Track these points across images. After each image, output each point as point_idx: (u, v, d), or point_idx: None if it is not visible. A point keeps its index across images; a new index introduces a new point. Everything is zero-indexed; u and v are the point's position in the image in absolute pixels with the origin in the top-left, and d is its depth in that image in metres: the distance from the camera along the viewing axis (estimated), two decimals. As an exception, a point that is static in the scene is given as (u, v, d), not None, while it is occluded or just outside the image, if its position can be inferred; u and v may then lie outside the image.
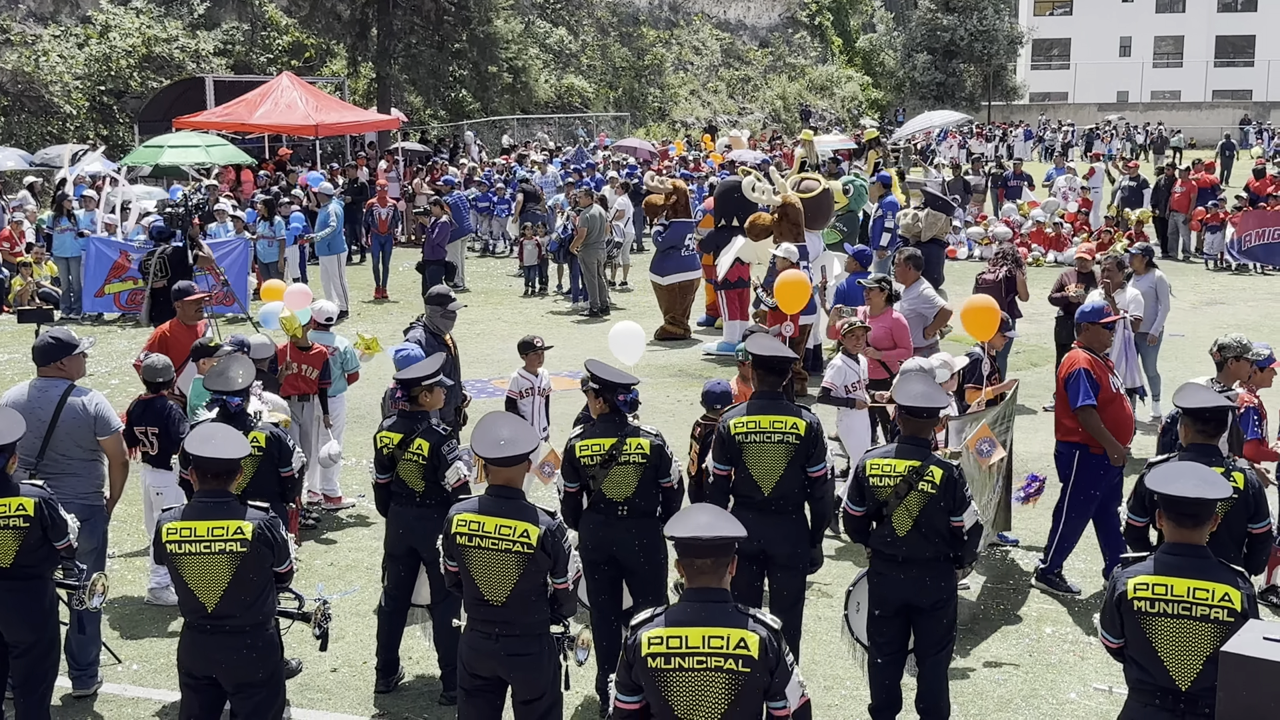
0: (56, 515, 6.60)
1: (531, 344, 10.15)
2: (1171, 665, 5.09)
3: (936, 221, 15.49)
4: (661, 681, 4.72)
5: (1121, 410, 9.03)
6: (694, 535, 4.74)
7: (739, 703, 4.69)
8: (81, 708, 7.66)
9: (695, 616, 4.74)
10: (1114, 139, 56.08)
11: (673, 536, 4.81)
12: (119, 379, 16.01)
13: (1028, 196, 28.99)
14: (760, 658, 4.67)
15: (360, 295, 22.01)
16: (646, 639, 4.75)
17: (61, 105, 33.49)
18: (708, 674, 4.67)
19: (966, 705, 7.59)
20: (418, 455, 7.42)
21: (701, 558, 4.76)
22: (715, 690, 4.67)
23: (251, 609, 5.96)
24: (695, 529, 4.77)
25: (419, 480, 7.47)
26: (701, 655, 4.67)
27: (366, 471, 11.22)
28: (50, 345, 7.70)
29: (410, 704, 7.68)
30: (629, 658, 4.82)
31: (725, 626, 4.69)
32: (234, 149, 27.96)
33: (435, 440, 7.41)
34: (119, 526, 9.90)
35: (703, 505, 5.35)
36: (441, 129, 43.38)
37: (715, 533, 4.76)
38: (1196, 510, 5.12)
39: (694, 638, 4.69)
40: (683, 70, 56.69)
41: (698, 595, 4.78)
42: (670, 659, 4.69)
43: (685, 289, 18.43)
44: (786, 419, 7.05)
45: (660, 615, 4.82)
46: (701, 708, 4.70)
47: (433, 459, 7.39)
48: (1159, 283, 13.26)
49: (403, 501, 7.59)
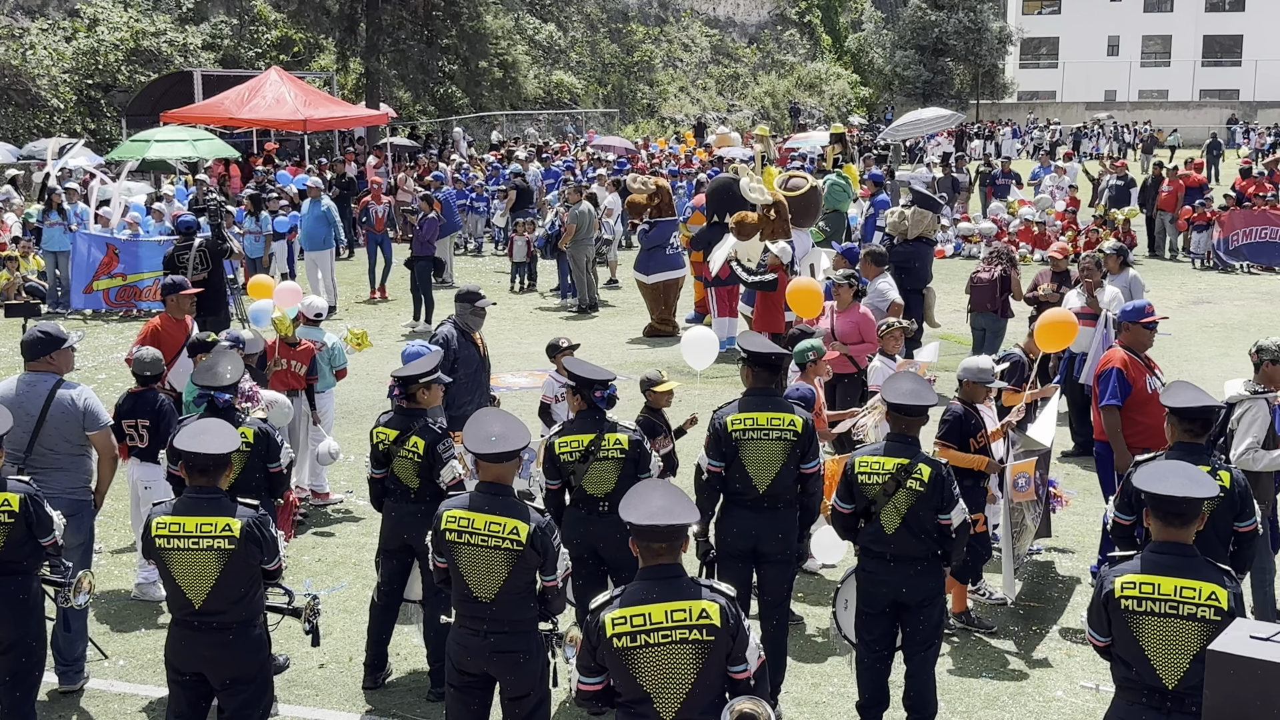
0: (42, 511, 6.58)
1: (558, 345, 9.99)
2: (1158, 664, 5.10)
3: (923, 219, 15.50)
4: (629, 660, 4.82)
5: (1159, 410, 8.74)
6: (652, 523, 4.82)
7: (705, 671, 4.81)
8: (68, 703, 7.64)
9: (655, 593, 4.85)
10: (1101, 138, 56.25)
11: (630, 523, 4.87)
12: (106, 373, 15.96)
13: (1016, 195, 29.05)
14: (723, 625, 4.81)
15: (348, 291, 21.98)
16: (610, 620, 4.84)
17: (49, 99, 33.38)
18: (674, 646, 4.79)
19: (954, 703, 7.61)
20: (413, 452, 7.42)
21: (659, 541, 4.86)
22: (683, 662, 4.80)
23: (239, 605, 5.95)
24: (652, 516, 4.83)
25: (414, 477, 7.46)
26: (666, 629, 4.79)
27: (354, 467, 11.23)
28: (39, 339, 7.67)
29: (398, 700, 7.68)
30: (592, 641, 4.90)
31: (685, 599, 4.82)
32: (221, 143, 27.91)
33: (431, 439, 7.40)
34: (106, 522, 9.87)
35: (654, 484, 5.32)
36: (430, 124, 43.34)
37: (673, 520, 4.85)
38: (1183, 509, 5.13)
39: (657, 614, 4.80)
40: (672, 67, 56.71)
41: (654, 573, 4.89)
42: (635, 637, 4.80)
43: (670, 288, 18.48)
44: (784, 415, 7.08)
45: (618, 597, 4.92)
46: (670, 681, 4.81)
47: (428, 457, 7.38)
48: (1133, 281, 13.27)
49: (397, 497, 7.58)
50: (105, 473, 7.86)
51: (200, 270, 14.48)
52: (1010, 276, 14.45)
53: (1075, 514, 10.78)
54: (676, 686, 4.82)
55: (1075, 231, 25.50)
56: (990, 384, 8.61)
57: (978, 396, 8.56)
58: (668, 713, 4.85)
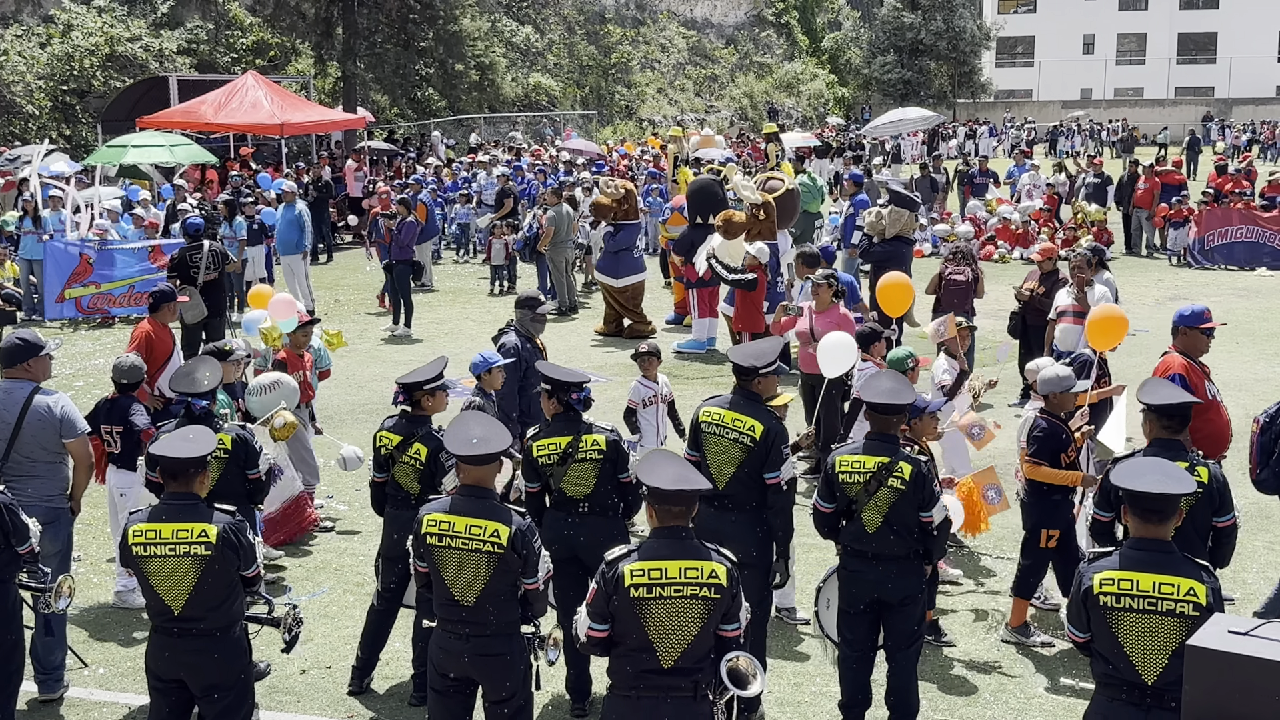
0: (17, 519, 6.54)
1: (641, 351, 9.97)
2: (1138, 659, 5.12)
3: (900, 218, 15.54)
4: (642, 609, 5.21)
5: (1218, 417, 8.64)
6: (677, 488, 5.26)
7: (706, 626, 5.25)
8: (47, 712, 7.59)
9: (670, 551, 5.26)
10: (1076, 135, 56.45)
11: (653, 488, 5.27)
12: (84, 380, 15.88)
13: (994, 193, 29.16)
14: (728, 585, 5.26)
15: (326, 295, 21.92)
16: (629, 571, 5.23)
17: (24, 105, 33.19)
18: (685, 601, 5.21)
19: (936, 701, 7.63)
20: (415, 459, 7.41)
21: (678, 505, 5.29)
22: (691, 616, 5.21)
23: (218, 611, 5.92)
24: (673, 482, 5.28)
25: (414, 483, 7.45)
26: (679, 585, 5.20)
27: (334, 472, 11.19)
28: (17, 347, 7.63)
29: (380, 705, 7.66)
30: (608, 589, 5.26)
31: (698, 559, 5.25)
32: (198, 148, 27.77)
33: (434, 446, 7.38)
34: (84, 530, 9.82)
35: (667, 454, 5.73)
36: (408, 128, 43.24)
37: (691, 485, 5.33)
38: (1162, 506, 5.16)
39: (672, 569, 5.22)
40: (649, 68, 56.73)
41: (670, 533, 5.30)
42: (652, 589, 5.20)
43: (636, 291, 18.55)
44: (747, 419, 7.08)
45: (635, 551, 5.32)
46: (676, 632, 5.22)
47: (430, 464, 7.37)
48: (1108, 283, 13.32)
49: (398, 504, 7.56)
50: (82, 480, 7.81)
51: (211, 271, 14.60)
52: (979, 277, 14.51)
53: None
54: (679, 637, 5.22)
55: (1053, 230, 25.62)
56: (1074, 389, 8.33)
57: (1064, 406, 8.27)
58: (667, 660, 5.24)
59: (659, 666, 5.24)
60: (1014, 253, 25.38)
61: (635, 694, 5.29)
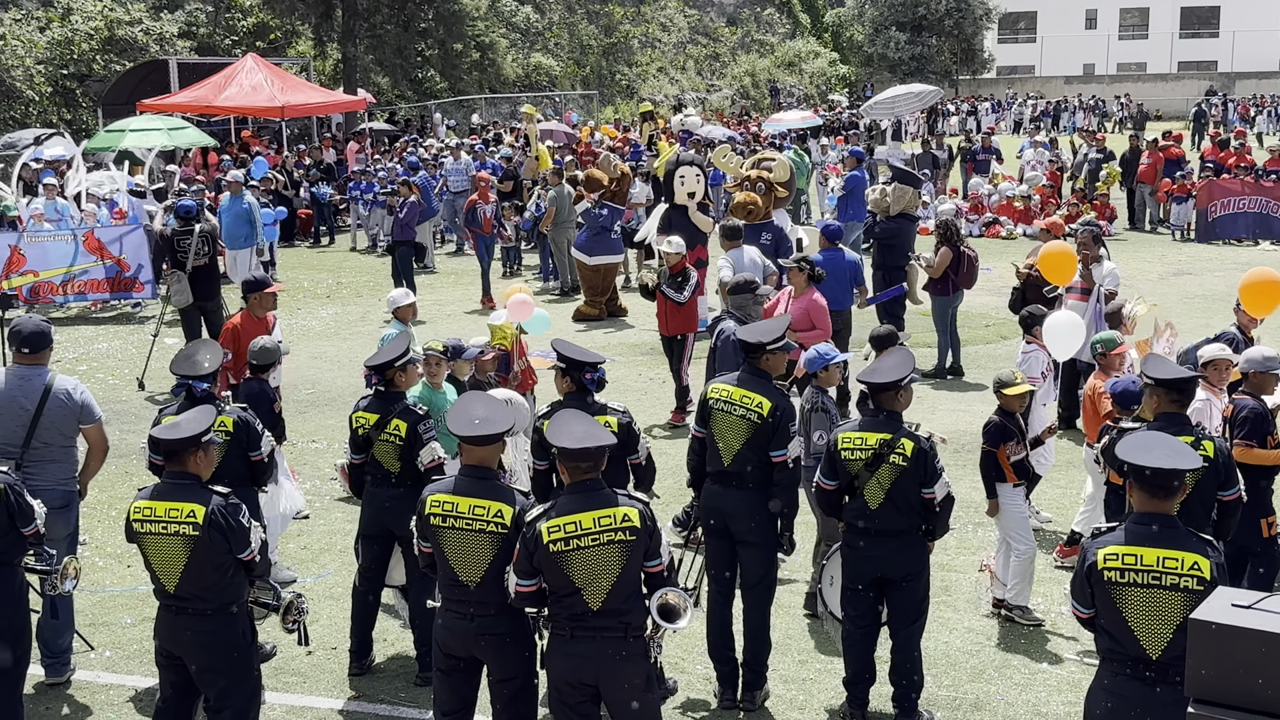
0: (23, 501, 6.56)
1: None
2: (1142, 634, 5.11)
3: (904, 195, 15.48)
4: (563, 562, 5.50)
5: None
6: (581, 446, 5.57)
7: (628, 566, 5.55)
8: (55, 695, 7.62)
9: (582, 504, 5.55)
10: (1079, 111, 56.27)
11: (561, 448, 5.58)
12: (87, 365, 15.90)
13: (996, 169, 29.07)
14: (642, 527, 5.56)
15: (332, 278, 21.88)
16: (545, 529, 5.51)
17: (24, 90, 33.12)
18: (602, 548, 5.51)
19: (940, 676, 7.64)
20: (394, 435, 7.43)
21: (584, 461, 5.58)
22: (610, 559, 5.52)
23: (212, 591, 5.94)
24: (580, 440, 5.60)
25: (395, 461, 7.47)
26: (594, 534, 5.51)
27: (337, 454, 11.19)
28: (43, 333, 7.64)
29: (385, 685, 7.68)
30: (529, 548, 5.54)
31: (609, 507, 5.56)
32: (197, 131, 27.72)
33: (412, 420, 7.43)
34: (89, 514, 9.83)
35: (571, 413, 6.04)
36: (409, 109, 43.14)
37: (596, 443, 5.62)
38: (1168, 481, 5.14)
39: (586, 521, 5.51)
40: (650, 48, 56.53)
41: (580, 488, 5.59)
42: (569, 542, 5.50)
43: (609, 271, 18.54)
44: (754, 396, 7.07)
45: (551, 508, 5.59)
46: (598, 575, 5.52)
47: (410, 439, 7.40)
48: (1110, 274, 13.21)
49: (378, 483, 7.59)
50: (95, 464, 7.85)
51: (201, 256, 14.50)
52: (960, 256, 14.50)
53: (1058, 486, 10.82)
54: (604, 580, 5.52)
55: (1055, 206, 25.54)
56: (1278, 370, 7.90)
57: (1266, 388, 7.87)
58: (595, 602, 5.54)
59: (589, 609, 5.55)
60: (1017, 229, 25.32)
61: (569, 633, 5.61)
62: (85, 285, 18.74)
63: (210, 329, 14.38)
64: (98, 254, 18.55)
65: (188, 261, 14.37)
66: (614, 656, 5.59)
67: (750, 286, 10.12)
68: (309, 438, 12.77)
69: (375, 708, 7.44)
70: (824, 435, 7.98)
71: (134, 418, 12.92)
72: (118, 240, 18.70)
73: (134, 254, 18.70)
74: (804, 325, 10.93)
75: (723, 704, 7.34)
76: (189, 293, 14.40)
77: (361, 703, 7.50)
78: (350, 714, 7.39)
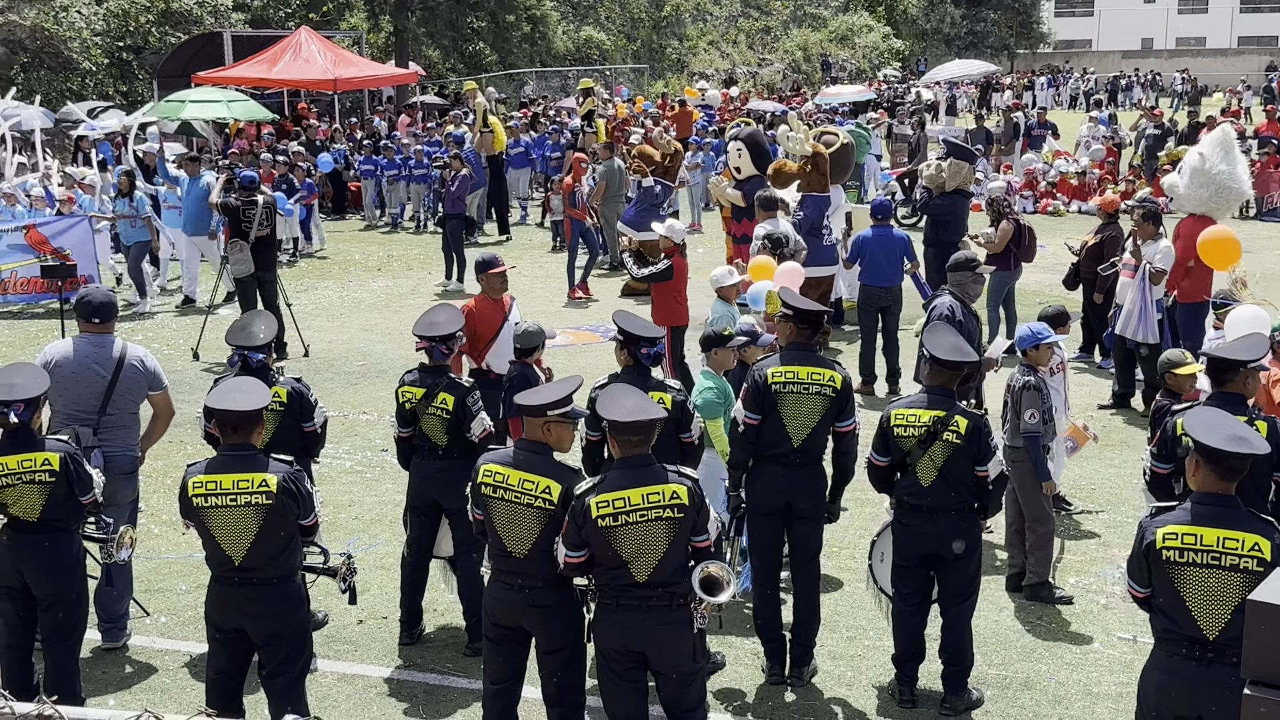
0: (82, 469, 6.65)
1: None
2: (1199, 615, 5.06)
3: (959, 171, 15.34)
4: (611, 536, 5.54)
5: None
6: (633, 419, 5.59)
7: (675, 541, 5.57)
8: (111, 660, 7.74)
9: (632, 480, 5.57)
10: (1137, 86, 55.49)
11: (612, 421, 5.60)
12: (142, 335, 16.06)
13: (1052, 145, 28.73)
14: (690, 504, 5.58)
15: (382, 251, 21.97)
16: (594, 504, 5.55)
17: (81, 62, 33.42)
18: (650, 524, 5.54)
19: (990, 655, 7.60)
20: (442, 409, 7.46)
21: (635, 434, 5.60)
22: (657, 535, 5.55)
23: (278, 560, 6.00)
24: (631, 413, 5.61)
25: (442, 434, 7.50)
26: (644, 510, 5.54)
27: (388, 426, 11.27)
28: (111, 303, 7.82)
29: (435, 655, 7.74)
30: (578, 521, 5.59)
31: (659, 484, 5.58)
32: (254, 104, 27.92)
33: (459, 394, 7.46)
34: (145, 481, 9.94)
35: (622, 387, 6.14)
36: (460, 82, 43.19)
37: (647, 416, 5.64)
38: (1238, 465, 5.08)
39: (635, 497, 5.55)
40: (701, 21, 56.21)
41: (630, 462, 5.62)
42: (618, 517, 5.53)
43: (652, 249, 18.34)
44: (824, 371, 7.05)
45: (601, 482, 5.62)
46: (646, 550, 5.56)
47: (458, 412, 7.42)
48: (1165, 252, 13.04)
49: (425, 455, 7.63)
50: (160, 431, 8.01)
51: (264, 227, 14.61)
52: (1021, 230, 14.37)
53: (1112, 466, 10.73)
54: (651, 555, 5.56)
55: (1112, 182, 25.23)
56: None
57: None
58: (641, 575, 5.58)
59: (634, 581, 5.59)
60: (1071, 206, 25.04)
61: (615, 603, 5.67)
62: (27, 284, 17.38)
63: (265, 300, 14.50)
64: (40, 248, 16.86)
65: (251, 231, 14.48)
66: (661, 625, 5.63)
67: (971, 264, 9.90)
68: (359, 409, 12.86)
69: (425, 677, 7.50)
70: (1034, 414, 8.02)
71: (189, 388, 13.05)
72: (62, 234, 17.05)
73: (78, 249, 16.84)
74: None
75: (770, 679, 7.34)
76: (251, 262, 14.51)
77: (411, 671, 7.57)
78: (400, 683, 7.45)
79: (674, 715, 5.86)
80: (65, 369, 7.53)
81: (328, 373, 14.25)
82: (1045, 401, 8.12)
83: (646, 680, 5.84)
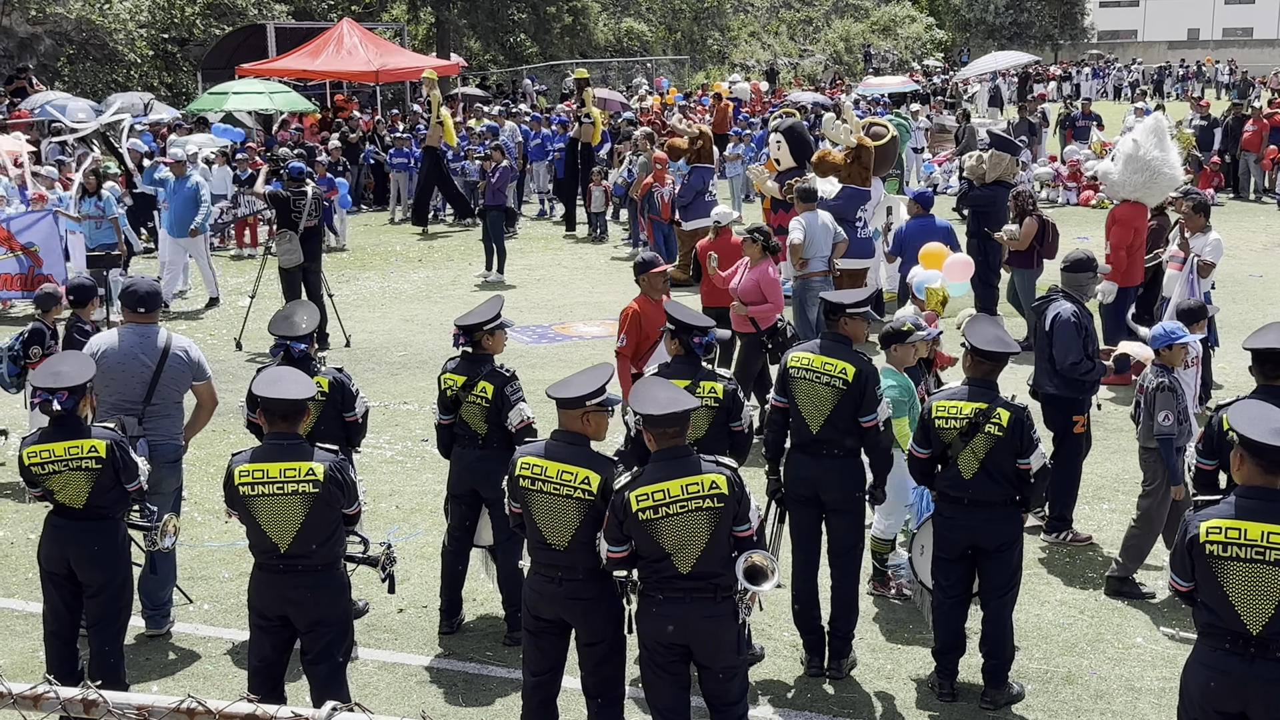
0: (128, 457, 6.71)
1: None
2: (1243, 609, 5.00)
3: (1001, 162, 15.23)
4: (652, 529, 5.55)
5: None
6: (668, 412, 5.60)
7: (717, 532, 5.59)
8: (154, 646, 7.81)
9: (670, 472, 5.59)
10: (1183, 77, 54.90)
11: (646, 415, 5.61)
12: (185, 324, 16.21)
13: (1096, 137, 28.45)
14: (730, 493, 5.57)
15: (424, 242, 22.03)
16: (634, 497, 5.55)
17: (125, 53, 33.71)
18: (691, 515, 5.55)
19: (1031, 649, 7.56)
20: (481, 397, 7.47)
21: (670, 427, 5.62)
22: (700, 526, 5.56)
23: (323, 549, 6.04)
24: (664, 406, 5.62)
25: (482, 423, 7.52)
26: (683, 501, 5.55)
27: (429, 415, 11.32)
28: (155, 293, 7.91)
29: (475, 645, 7.77)
30: (619, 516, 5.60)
31: (697, 474, 5.59)
32: (297, 96, 28.10)
33: (499, 382, 7.46)
34: (188, 470, 10.03)
35: (657, 379, 6.18)
36: (501, 74, 43.27)
37: (681, 407, 5.66)
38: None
39: (674, 489, 5.55)
40: (743, 12, 56.07)
41: (668, 454, 5.63)
42: (658, 509, 5.54)
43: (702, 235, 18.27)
44: (837, 362, 7.02)
45: (640, 476, 5.62)
46: (688, 542, 5.57)
47: (497, 401, 7.44)
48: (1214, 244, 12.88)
49: (465, 443, 7.65)
50: (203, 420, 8.09)
51: (312, 217, 14.69)
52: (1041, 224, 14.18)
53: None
54: (693, 546, 5.57)
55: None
56: None
57: None
58: (684, 566, 5.59)
59: (678, 573, 5.61)
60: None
61: (660, 594, 5.67)
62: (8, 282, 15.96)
63: (309, 291, 14.58)
64: (6, 245, 15.69)
65: (300, 222, 14.55)
66: (704, 617, 5.64)
67: (1091, 263, 9.49)
68: (400, 399, 12.93)
69: (465, 666, 7.54)
70: (1168, 415, 7.79)
71: (231, 377, 13.16)
72: (28, 230, 15.79)
73: (45, 245, 15.80)
74: (754, 298, 10.79)
75: (809, 671, 7.33)
76: (300, 252, 14.54)
77: (451, 661, 7.60)
78: (440, 672, 7.49)
79: (716, 708, 5.86)
80: (111, 359, 7.61)
81: (369, 363, 14.33)
82: (1180, 402, 7.88)
83: (689, 673, 5.84)
